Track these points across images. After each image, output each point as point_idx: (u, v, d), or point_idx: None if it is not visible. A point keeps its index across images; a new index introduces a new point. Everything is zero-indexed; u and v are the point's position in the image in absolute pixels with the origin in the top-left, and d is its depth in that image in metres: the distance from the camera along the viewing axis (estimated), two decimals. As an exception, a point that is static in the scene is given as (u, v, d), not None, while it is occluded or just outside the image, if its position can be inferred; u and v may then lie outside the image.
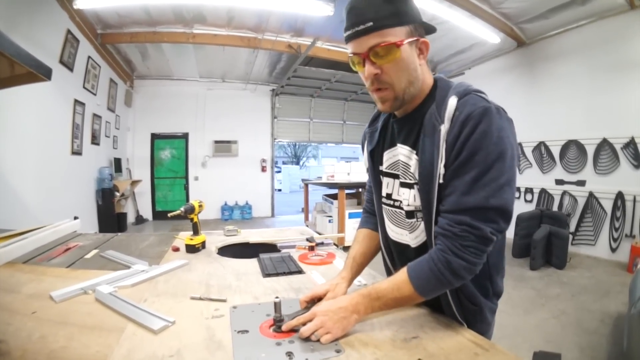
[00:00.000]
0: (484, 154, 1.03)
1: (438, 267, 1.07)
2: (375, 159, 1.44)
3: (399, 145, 1.29)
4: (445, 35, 8.43)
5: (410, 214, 1.28)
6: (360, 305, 1.13)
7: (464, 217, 1.05)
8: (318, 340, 1.07)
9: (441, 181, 1.11)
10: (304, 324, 1.12)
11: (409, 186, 1.26)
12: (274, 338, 1.10)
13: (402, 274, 1.13)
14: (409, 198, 1.25)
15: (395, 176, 1.34)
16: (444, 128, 1.09)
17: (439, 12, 6.72)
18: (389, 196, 1.38)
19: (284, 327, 1.13)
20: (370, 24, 1.06)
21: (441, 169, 1.09)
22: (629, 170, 6.37)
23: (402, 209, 1.32)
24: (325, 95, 13.12)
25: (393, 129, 1.34)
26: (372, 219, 1.61)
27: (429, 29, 1.19)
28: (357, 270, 1.49)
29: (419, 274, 1.10)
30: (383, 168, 1.40)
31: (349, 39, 1.14)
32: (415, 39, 1.12)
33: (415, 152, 1.21)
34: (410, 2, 1.12)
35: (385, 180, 1.40)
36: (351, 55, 1.17)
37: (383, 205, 1.43)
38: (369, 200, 1.65)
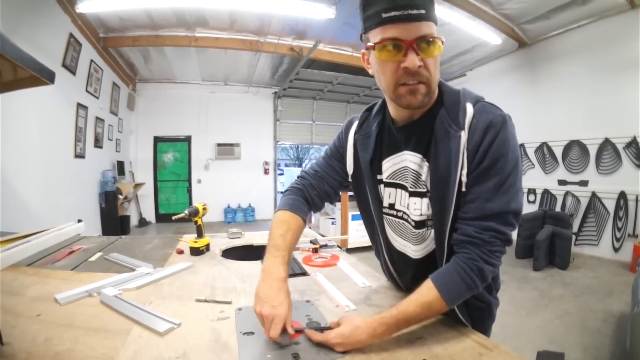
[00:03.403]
0: (504, 161, 1.05)
1: (470, 277, 1.06)
2: (373, 167, 1.36)
3: (407, 152, 1.24)
4: (447, 37, 8.29)
5: (420, 224, 1.25)
6: (385, 333, 1.06)
7: (490, 223, 1.06)
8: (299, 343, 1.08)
9: (463, 189, 1.10)
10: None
11: (421, 195, 1.22)
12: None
13: (430, 292, 1.07)
14: (422, 207, 1.22)
15: (399, 186, 1.29)
16: (464, 135, 1.08)
17: (440, 14, 6.69)
18: (391, 206, 1.34)
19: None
20: (424, 11, 1.00)
21: (464, 177, 1.09)
22: (632, 169, 6.36)
23: (407, 220, 1.29)
24: (327, 98, 13.09)
25: (392, 135, 1.29)
26: (306, 207, 1.46)
27: None
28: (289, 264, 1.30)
29: (450, 287, 1.07)
30: (384, 178, 1.34)
31: (390, 21, 1.02)
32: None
33: (426, 159, 1.19)
34: None
35: (387, 191, 1.34)
36: (389, 40, 1.04)
37: (384, 216, 1.39)
38: (314, 186, 1.48)
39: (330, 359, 1.01)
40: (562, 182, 7.60)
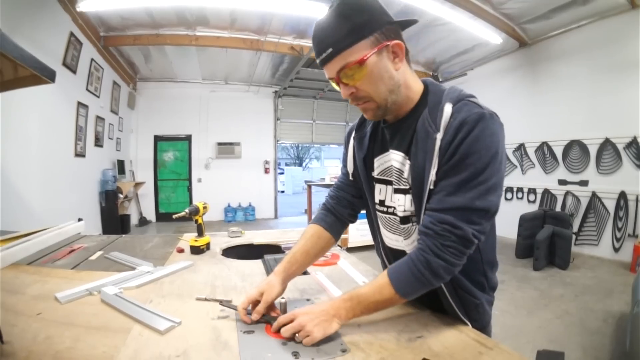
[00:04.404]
0: (475, 157, 1.04)
1: (418, 268, 1.07)
2: (367, 165, 1.41)
3: (391, 151, 1.28)
4: (448, 37, 8.46)
5: (405, 220, 1.28)
6: (342, 310, 1.12)
7: (447, 216, 1.05)
8: (301, 342, 1.07)
9: (432, 187, 1.11)
10: (285, 324, 1.12)
11: (404, 192, 1.25)
12: (280, 338, 1.10)
13: (383, 277, 1.13)
14: (405, 204, 1.25)
15: (387, 182, 1.33)
16: (439, 136, 1.08)
17: (442, 14, 6.73)
18: (382, 203, 1.37)
19: (273, 329, 1.14)
20: (330, 50, 1.08)
21: (432, 176, 1.10)
22: (632, 169, 6.36)
23: (395, 215, 1.31)
24: (327, 97, 13.11)
25: (384, 134, 1.33)
26: (329, 217, 1.56)
27: (406, 24, 1.17)
28: (296, 268, 1.42)
29: (398, 276, 1.10)
30: (375, 174, 1.38)
31: (320, 66, 1.16)
32: (384, 45, 1.09)
33: (408, 157, 1.21)
34: (369, 10, 1.08)
35: (378, 187, 1.38)
36: (329, 78, 1.18)
37: (377, 212, 1.42)
38: (333, 197, 1.59)
39: (330, 358, 1.01)
40: (562, 182, 7.60)
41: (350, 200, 1.56)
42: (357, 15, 1.06)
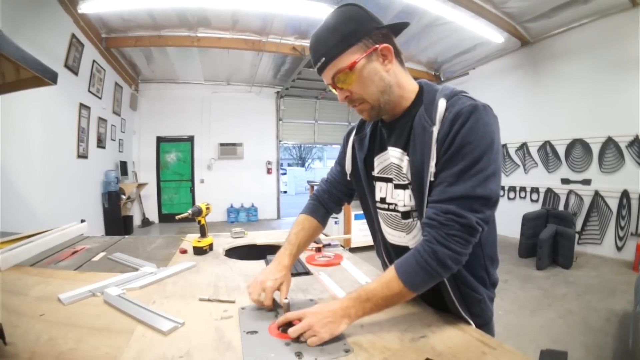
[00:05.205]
0: (471, 147, 1.06)
1: (425, 259, 1.07)
2: (367, 165, 1.45)
3: (389, 148, 1.32)
4: (449, 36, 8.44)
5: (406, 215, 1.31)
6: (351, 309, 1.11)
7: (450, 206, 1.07)
8: (305, 341, 1.07)
9: (432, 179, 1.13)
10: (292, 322, 1.12)
11: (403, 187, 1.28)
12: (283, 338, 1.10)
13: (390, 271, 1.13)
14: (405, 199, 1.28)
15: (387, 180, 1.36)
16: (435, 129, 1.12)
17: (443, 13, 6.73)
18: (383, 200, 1.40)
19: (278, 322, 1.15)
20: (323, 59, 1.17)
21: (432, 168, 1.12)
22: (634, 168, 6.34)
23: (397, 211, 1.34)
24: (330, 97, 13.06)
25: (382, 133, 1.37)
26: (322, 210, 1.66)
27: (397, 27, 1.23)
28: (296, 258, 1.55)
29: (406, 269, 1.10)
30: (375, 173, 1.42)
31: (318, 74, 1.23)
32: (372, 49, 1.15)
33: (406, 153, 1.25)
34: (357, 18, 1.16)
35: (378, 185, 1.41)
36: (327, 84, 1.24)
37: (378, 210, 1.44)
38: (326, 190, 1.68)
39: (334, 358, 1.01)
40: (565, 181, 7.58)
41: (341, 197, 1.68)
42: (345, 24, 1.15)
